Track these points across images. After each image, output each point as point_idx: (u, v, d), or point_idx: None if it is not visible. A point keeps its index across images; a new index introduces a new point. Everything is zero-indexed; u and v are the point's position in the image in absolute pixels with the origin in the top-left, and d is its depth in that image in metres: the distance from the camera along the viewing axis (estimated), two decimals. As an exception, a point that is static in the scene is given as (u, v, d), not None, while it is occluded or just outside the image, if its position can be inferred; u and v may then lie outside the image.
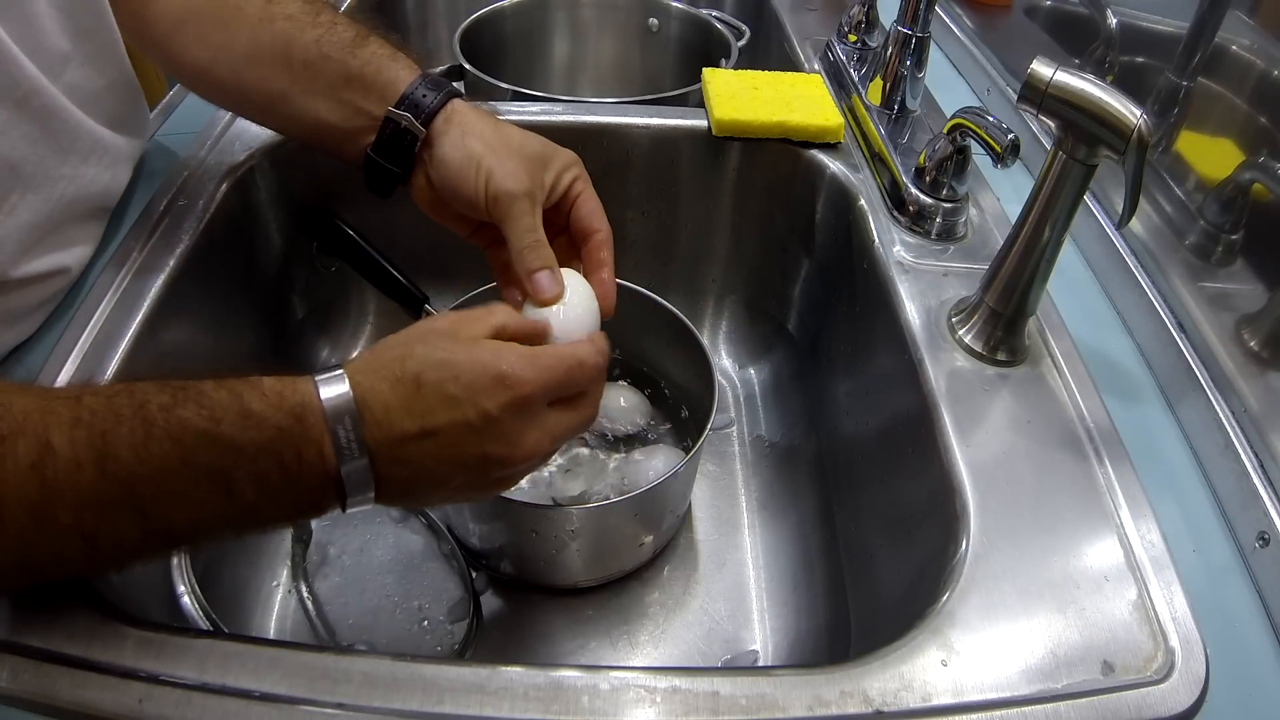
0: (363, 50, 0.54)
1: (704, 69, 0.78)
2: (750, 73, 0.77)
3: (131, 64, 0.59)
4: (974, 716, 0.37)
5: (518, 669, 0.37)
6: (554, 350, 0.43)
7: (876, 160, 0.69)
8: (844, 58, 0.81)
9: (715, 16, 0.98)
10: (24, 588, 0.38)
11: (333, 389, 0.38)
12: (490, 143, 0.51)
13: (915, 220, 0.63)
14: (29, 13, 0.49)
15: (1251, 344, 0.51)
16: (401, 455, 0.39)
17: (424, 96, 0.53)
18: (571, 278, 0.49)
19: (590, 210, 0.52)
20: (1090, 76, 0.44)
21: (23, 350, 0.52)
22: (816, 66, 0.85)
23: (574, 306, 0.48)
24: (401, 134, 0.52)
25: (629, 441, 0.71)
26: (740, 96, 0.73)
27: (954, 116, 0.58)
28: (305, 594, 0.62)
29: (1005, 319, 0.52)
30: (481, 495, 0.45)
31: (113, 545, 0.35)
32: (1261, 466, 0.47)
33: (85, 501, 0.34)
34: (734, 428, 0.77)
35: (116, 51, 0.57)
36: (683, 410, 0.73)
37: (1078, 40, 0.77)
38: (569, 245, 0.53)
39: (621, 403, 0.71)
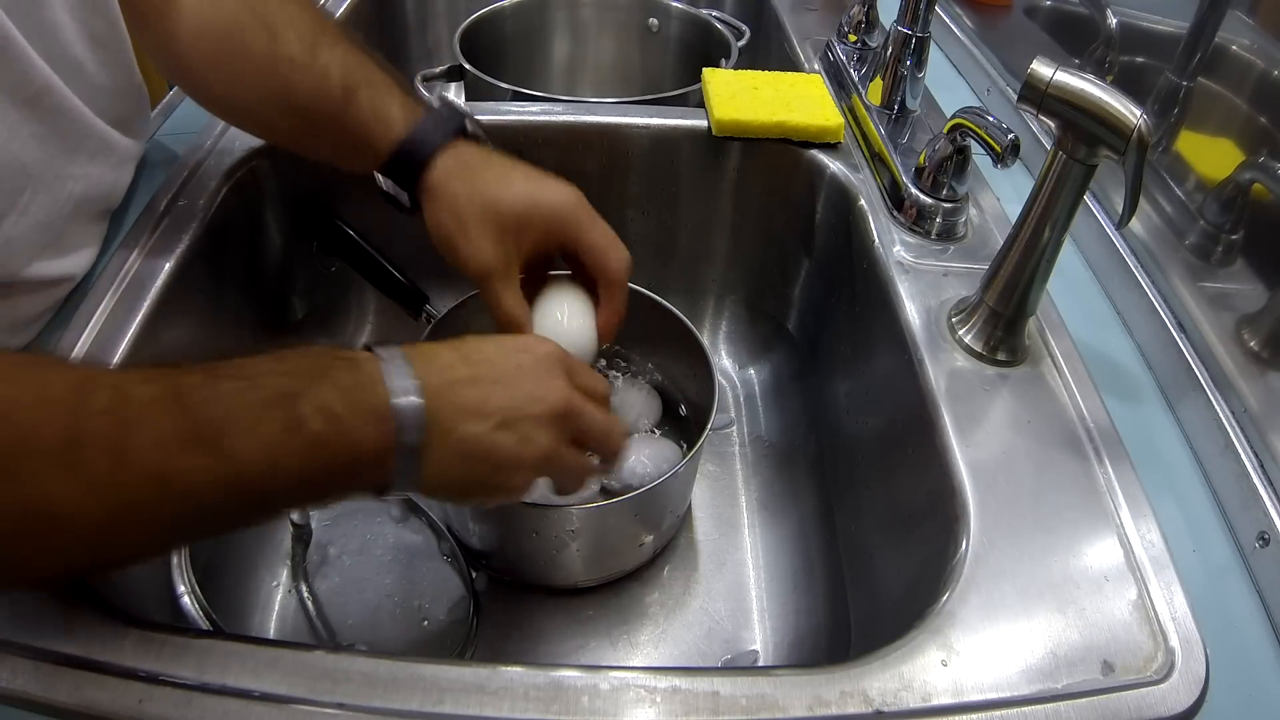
0: (351, 106, 0.53)
1: (704, 69, 0.78)
2: (750, 73, 0.77)
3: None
4: (974, 716, 0.37)
5: (518, 669, 0.37)
6: (615, 423, 0.47)
7: (876, 160, 0.69)
8: (844, 58, 0.81)
9: (715, 16, 0.98)
10: (107, 553, 0.36)
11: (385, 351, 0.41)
12: (461, 216, 0.50)
13: (915, 220, 0.63)
14: (47, 18, 0.50)
15: (1251, 344, 0.51)
16: (450, 398, 0.40)
17: (408, 158, 0.52)
18: (576, 303, 0.51)
19: (599, 251, 0.51)
20: (1090, 76, 0.44)
21: (24, 348, 0.52)
22: (816, 66, 0.85)
23: (572, 333, 0.50)
24: (394, 196, 0.54)
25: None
26: (740, 96, 0.73)
27: (954, 116, 0.58)
28: (305, 594, 0.62)
29: (1005, 319, 0.52)
30: (489, 467, 0.43)
31: (188, 486, 0.35)
32: (1261, 466, 0.47)
33: (157, 436, 0.34)
34: (734, 428, 0.77)
35: (126, 56, 0.57)
36: (683, 410, 0.73)
37: (1078, 40, 0.77)
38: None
39: (638, 404, 0.71)
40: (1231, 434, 0.49)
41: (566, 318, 0.50)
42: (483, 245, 0.49)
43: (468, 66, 0.85)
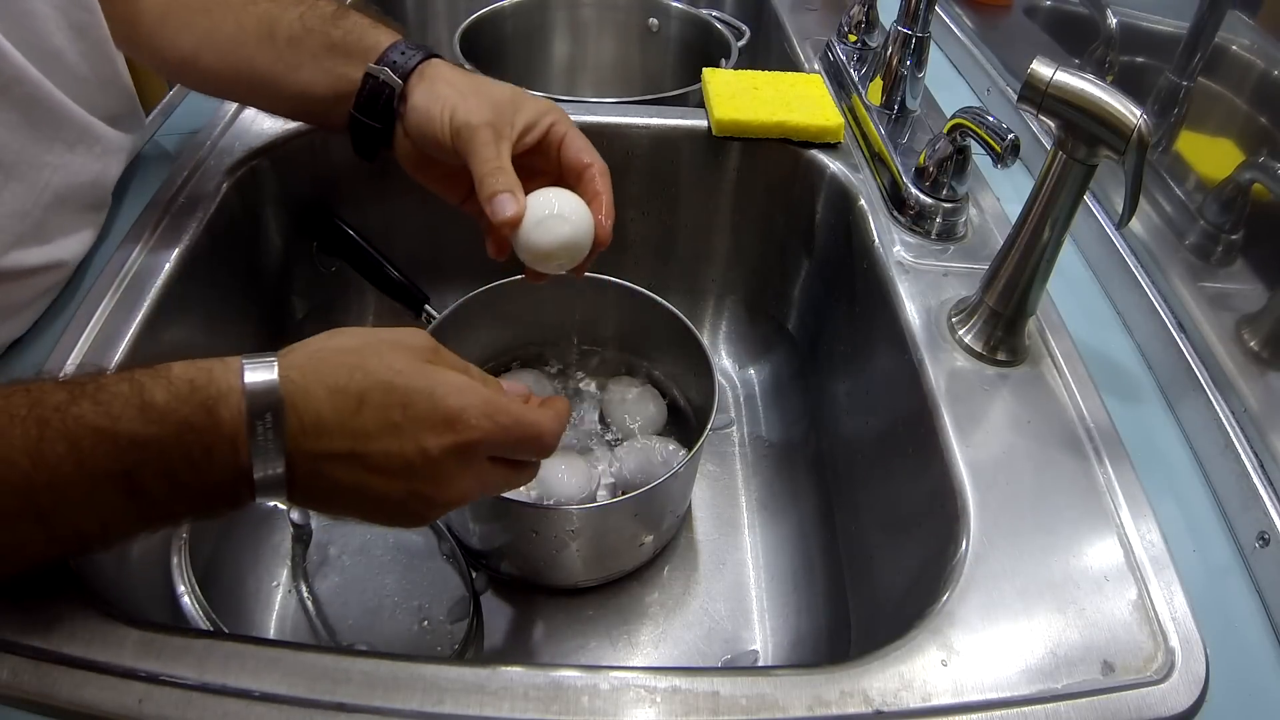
0: (344, 22, 0.55)
1: (704, 69, 0.78)
2: (750, 73, 0.77)
3: (129, 66, 0.60)
4: (974, 716, 0.37)
5: (518, 669, 0.37)
6: (516, 410, 0.40)
7: (876, 160, 0.69)
8: (844, 58, 0.81)
9: (715, 16, 0.98)
10: None
11: (259, 375, 0.35)
12: (459, 87, 0.51)
13: (915, 220, 0.63)
14: (25, 8, 0.50)
15: (1251, 344, 0.51)
16: (323, 470, 0.36)
17: (402, 54, 0.54)
18: (569, 197, 0.50)
19: (579, 147, 0.52)
20: (1090, 76, 0.44)
21: (23, 348, 0.52)
22: (816, 66, 0.85)
23: (571, 221, 0.49)
24: (380, 88, 0.53)
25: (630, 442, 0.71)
26: (740, 96, 0.73)
27: (954, 116, 0.58)
28: (305, 594, 0.62)
29: (1005, 319, 0.52)
30: (393, 524, 0.41)
31: (15, 553, 0.34)
32: (1261, 466, 0.47)
33: None
34: (734, 428, 0.77)
35: (107, 47, 0.57)
36: (683, 409, 0.73)
37: (1078, 40, 0.77)
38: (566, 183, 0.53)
39: (643, 409, 0.71)
40: (1231, 434, 0.49)
41: (559, 205, 0.49)
42: (479, 105, 0.50)
43: (468, 66, 0.85)
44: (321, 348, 0.38)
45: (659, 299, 0.68)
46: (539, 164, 0.53)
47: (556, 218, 0.49)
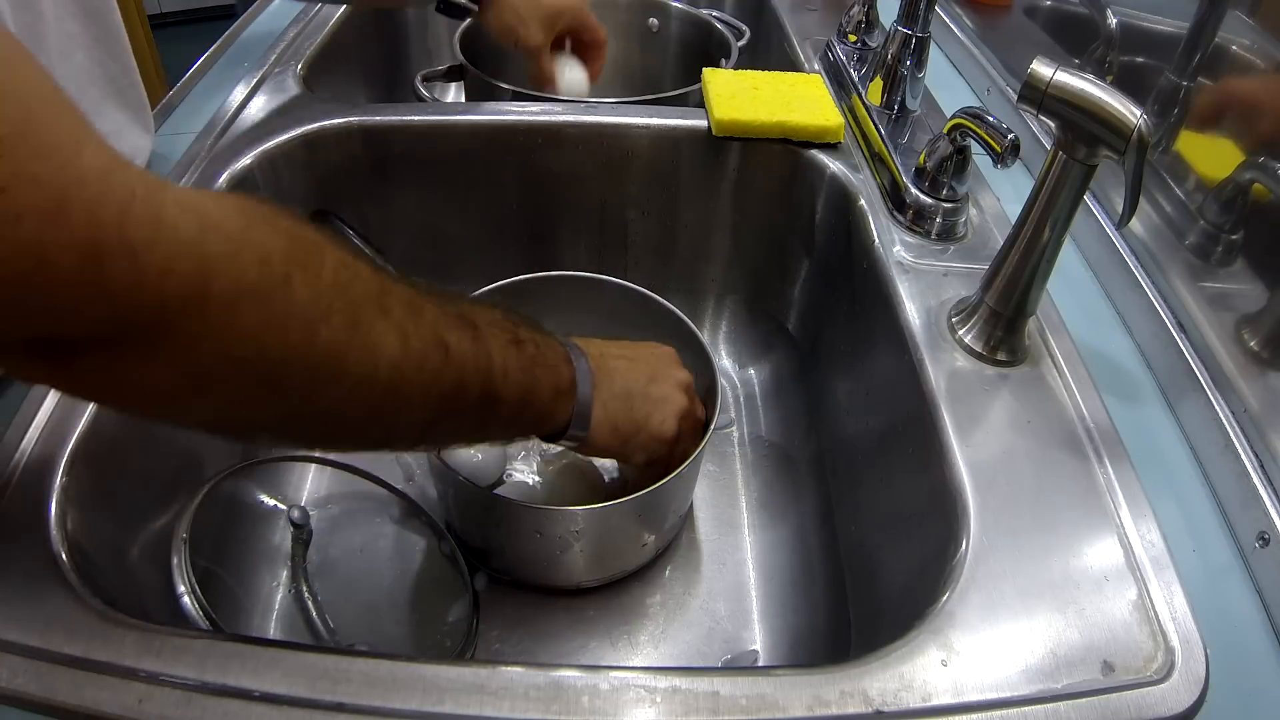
0: None
1: (704, 69, 0.78)
2: (750, 73, 0.77)
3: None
4: (974, 716, 0.37)
5: (518, 669, 0.37)
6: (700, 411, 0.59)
7: (876, 160, 0.69)
8: (844, 58, 0.81)
9: (715, 16, 0.98)
10: (384, 415, 0.39)
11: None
12: (521, 13, 0.80)
13: (915, 220, 0.63)
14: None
15: (1251, 344, 0.51)
16: (607, 365, 0.52)
17: None
18: (574, 60, 0.86)
19: (594, 28, 0.86)
20: (1090, 76, 0.44)
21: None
22: (816, 66, 0.85)
23: (573, 82, 0.85)
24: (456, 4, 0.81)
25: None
26: (740, 96, 0.73)
27: (954, 116, 0.58)
28: (305, 594, 0.62)
29: (1005, 319, 0.52)
30: (655, 412, 0.55)
31: (459, 358, 0.40)
32: (1261, 466, 0.47)
33: (439, 309, 0.40)
34: (734, 428, 0.77)
35: (120, 38, 0.58)
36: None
37: (1078, 40, 0.76)
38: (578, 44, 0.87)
39: None
40: (1231, 434, 0.49)
41: (569, 69, 0.85)
42: (535, 32, 0.80)
43: (468, 66, 0.85)
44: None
45: (659, 298, 0.68)
46: (565, 32, 0.85)
47: (568, 75, 0.86)
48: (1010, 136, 0.54)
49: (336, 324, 0.35)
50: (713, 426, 0.58)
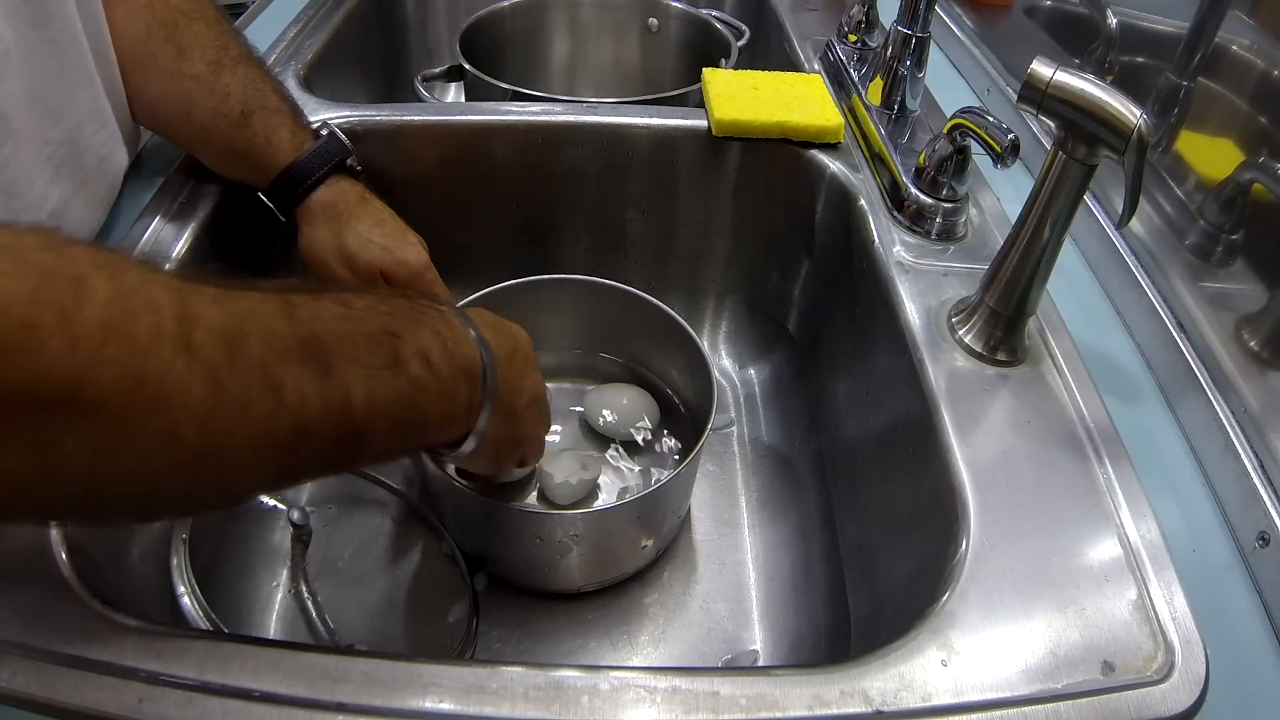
0: (246, 129, 0.60)
1: (704, 69, 0.78)
2: (750, 73, 0.77)
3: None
4: (974, 716, 0.37)
5: (518, 669, 0.37)
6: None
7: (876, 160, 0.69)
8: (844, 58, 0.81)
9: (715, 16, 0.98)
10: (205, 466, 0.33)
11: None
12: (326, 259, 0.62)
13: (915, 220, 0.63)
14: None
15: (1251, 344, 0.51)
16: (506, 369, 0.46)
17: (289, 188, 0.61)
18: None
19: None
20: (1090, 76, 0.44)
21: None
22: (816, 66, 0.85)
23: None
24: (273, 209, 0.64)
25: (628, 447, 0.71)
26: (740, 96, 0.73)
27: (954, 116, 0.58)
28: (305, 594, 0.62)
29: (1005, 319, 0.52)
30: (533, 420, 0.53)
31: (297, 400, 0.34)
32: (1261, 466, 0.47)
33: (270, 338, 0.33)
34: (734, 428, 0.77)
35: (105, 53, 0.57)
36: (682, 411, 0.73)
37: (1078, 40, 0.76)
38: None
39: (624, 401, 0.71)
40: (1231, 434, 0.49)
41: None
42: (345, 278, 0.62)
43: (468, 66, 0.85)
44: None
45: (656, 301, 0.68)
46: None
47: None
48: (1010, 136, 0.54)
49: (108, 375, 0.28)
50: (710, 427, 0.58)
